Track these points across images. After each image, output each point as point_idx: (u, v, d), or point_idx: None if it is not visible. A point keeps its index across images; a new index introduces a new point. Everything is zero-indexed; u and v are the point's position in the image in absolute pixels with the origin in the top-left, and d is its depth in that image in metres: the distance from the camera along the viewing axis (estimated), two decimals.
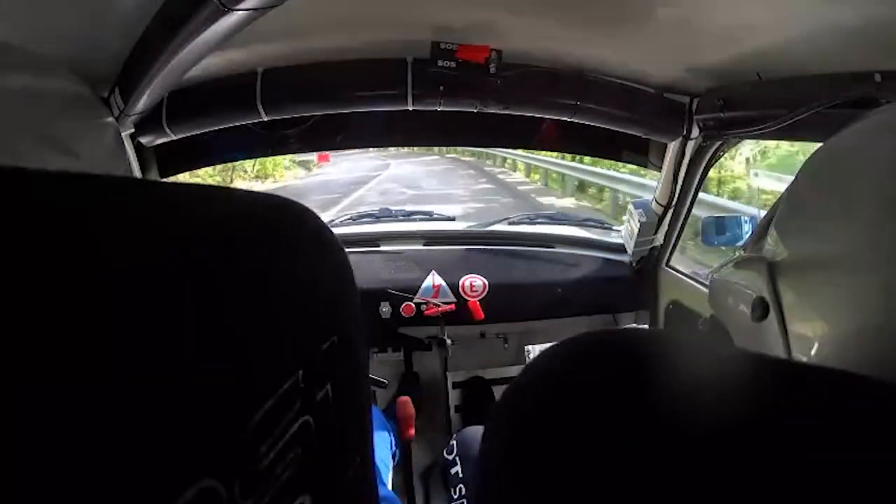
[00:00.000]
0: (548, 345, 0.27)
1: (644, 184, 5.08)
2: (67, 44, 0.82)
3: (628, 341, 0.27)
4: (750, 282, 0.47)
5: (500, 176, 11.06)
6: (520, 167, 11.19)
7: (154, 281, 0.18)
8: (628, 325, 1.85)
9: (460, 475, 1.21)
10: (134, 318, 0.17)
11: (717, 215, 1.65)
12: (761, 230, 0.49)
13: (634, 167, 2.66)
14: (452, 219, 2.12)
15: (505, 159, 12.13)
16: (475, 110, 1.42)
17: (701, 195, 1.64)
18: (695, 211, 1.67)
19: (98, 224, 0.18)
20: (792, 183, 0.45)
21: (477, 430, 1.40)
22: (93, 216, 0.18)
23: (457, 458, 1.24)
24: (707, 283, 1.42)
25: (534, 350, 1.71)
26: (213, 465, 0.18)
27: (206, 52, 0.88)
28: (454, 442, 1.29)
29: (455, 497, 1.18)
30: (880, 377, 0.23)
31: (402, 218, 2.04)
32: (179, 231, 0.20)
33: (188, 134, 1.41)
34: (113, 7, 0.82)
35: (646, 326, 1.86)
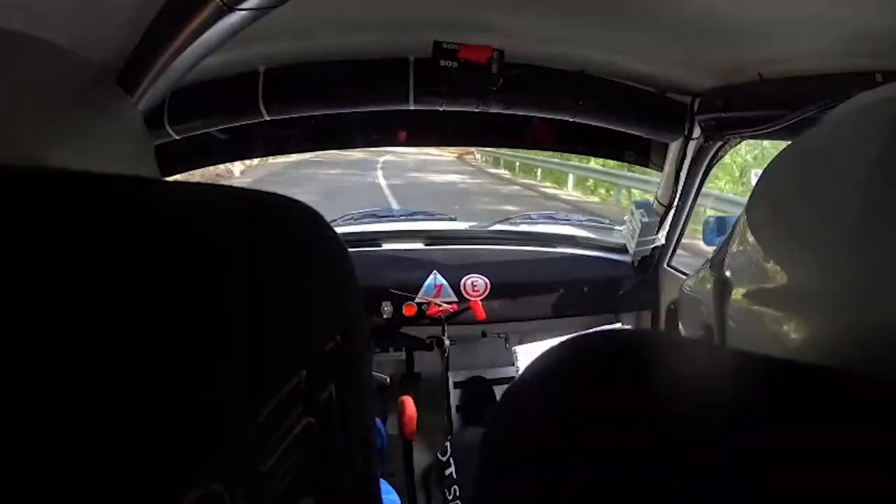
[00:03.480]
0: (542, 343, 0.27)
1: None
2: (68, 43, 0.82)
3: (628, 342, 0.27)
4: (704, 302, 0.45)
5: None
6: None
7: (155, 281, 0.18)
8: (628, 326, 1.85)
9: (454, 476, 1.21)
10: (134, 319, 0.17)
11: (717, 215, 1.64)
12: (729, 234, 0.47)
13: None
14: (454, 218, 2.12)
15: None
16: (477, 110, 1.42)
17: None
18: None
19: (98, 223, 0.18)
20: (756, 187, 0.42)
21: (471, 432, 1.41)
22: (93, 215, 0.18)
23: (451, 460, 1.25)
24: None
25: (521, 350, 1.70)
26: (216, 468, 0.18)
27: (208, 51, 0.88)
28: (448, 444, 1.30)
29: (449, 498, 1.19)
30: None
31: (403, 217, 2.04)
32: (181, 231, 0.20)
33: (190, 134, 1.41)
34: (114, 7, 0.82)
35: (647, 327, 1.86)
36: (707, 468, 0.20)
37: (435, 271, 1.76)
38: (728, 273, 0.41)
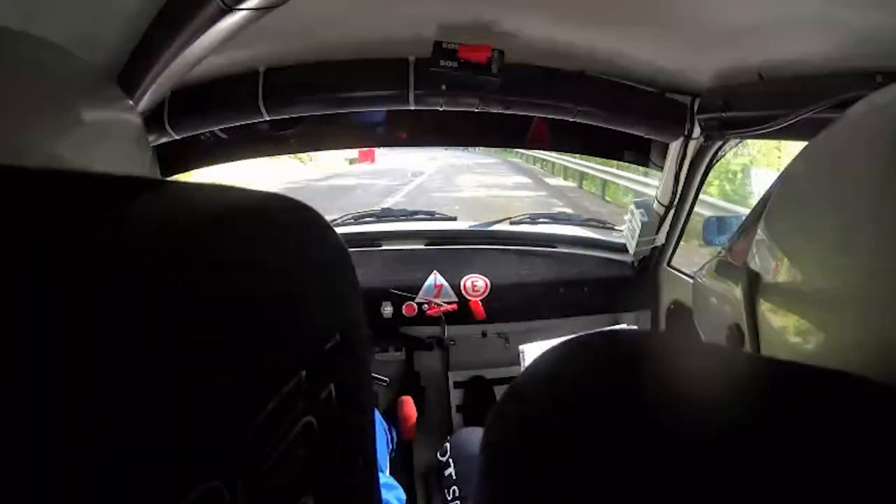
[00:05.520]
0: (545, 343, 0.27)
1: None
2: (68, 44, 0.82)
3: (628, 342, 0.27)
4: (729, 298, 0.44)
5: None
6: None
7: (156, 281, 0.18)
8: (628, 326, 1.85)
9: (454, 476, 1.22)
10: (135, 319, 0.17)
11: (718, 215, 1.65)
12: (744, 228, 0.47)
13: None
14: (454, 218, 2.12)
15: None
16: (477, 110, 1.42)
17: None
18: None
19: (99, 223, 0.18)
20: (776, 184, 0.41)
21: (471, 432, 1.41)
22: (94, 215, 0.18)
23: (450, 460, 1.25)
24: None
25: (527, 349, 1.70)
26: (217, 466, 0.18)
27: (208, 51, 0.88)
28: (448, 444, 1.30)
29: (449, 498, 1.19)
30: None
31: (403, 217, 2.04)
32: (181, 230, 0.20)
33: (190, 133, 1.41)
34: (114, 7, 0.82)
35: (647, 327, 1.86)
36: (711, 469, 0.20)
37: (435, 271, 1.76)
38: (756, 266, 0.40)
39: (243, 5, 0.70)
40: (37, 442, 0.14)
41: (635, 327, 1.85)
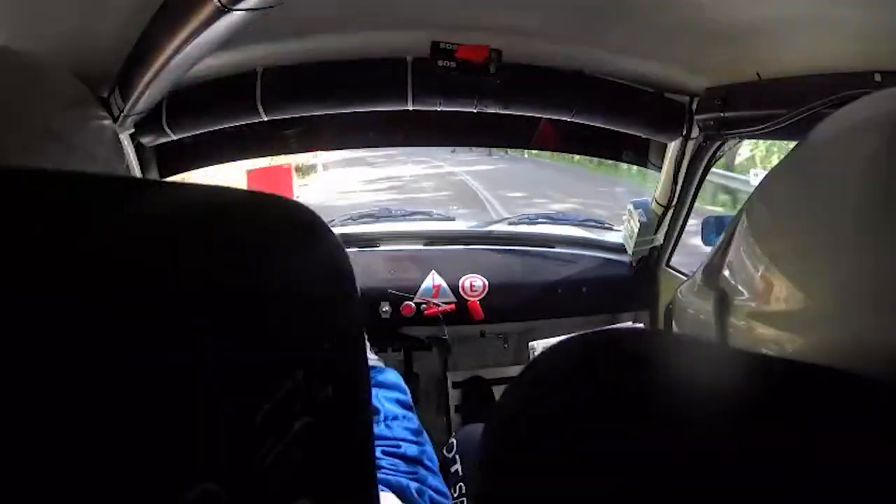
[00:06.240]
0: (554, 340, 0.27)
1: None
2: (67, 44, 0.82)
3: (630, 340, 0.27)
4: (702, 313, 0.43)
5: None
6: None
7: (151, 281, 0.18)
8: (640, 325, 1.85)
9: (460, 473, 1.21)
10: (130, 320, 0.16)
11: (716, 215, 1.65)
12: (725, 240, 0.45)
13: None
14: (452, 219, 2.12)
15: None
16: (474, 110, 1.42)
17: None
18: None
19: (95, 223, 0.18)
20: (753, 195, 0.41)
21: (477, 429, 1.40)
22: (90, 215, 0.18)
23: (457, 457, 1.24)
24: None
25: (538, 346, 1.70)
26: (213, 468, 0.18)
27: (205, 51, 0.88)
28: (454, 440, 1.29)
29: (455, 496, 1.18)
30: None
31: (401, 218, 2.04)
32: (177, 231, 0.20)
33: (188, 134, 1.41)
34: (112, 7, 0.82)
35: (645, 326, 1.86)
36: (709, 467, 0.20)
37: (433, 271, 1.76)
38: (726, 285, 0.40)
39: (241, 6, 0.70)
40: (32, 443, 0.14)
41: (641, 325, 1.85)
